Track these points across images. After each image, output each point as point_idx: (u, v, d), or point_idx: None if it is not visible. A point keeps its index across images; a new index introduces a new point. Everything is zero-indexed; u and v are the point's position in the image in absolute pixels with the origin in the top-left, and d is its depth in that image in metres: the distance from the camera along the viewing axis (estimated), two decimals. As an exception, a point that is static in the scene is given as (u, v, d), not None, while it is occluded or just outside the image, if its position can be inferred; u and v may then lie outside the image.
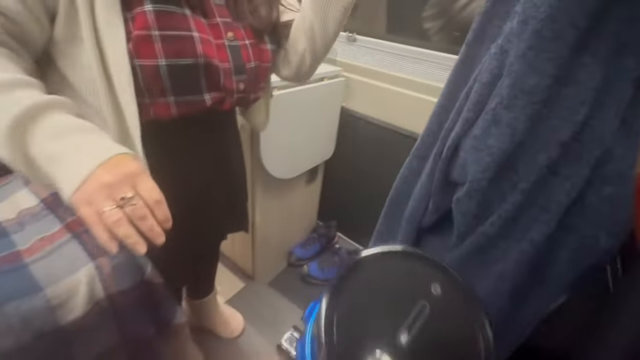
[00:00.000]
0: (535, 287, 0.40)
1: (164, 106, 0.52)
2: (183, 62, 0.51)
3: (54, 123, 0.42)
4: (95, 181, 0.41)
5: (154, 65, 0.48)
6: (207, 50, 0.53)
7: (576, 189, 0.34)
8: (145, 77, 0.49)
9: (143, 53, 0.48)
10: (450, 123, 0.45)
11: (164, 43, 0.49)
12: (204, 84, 0.55)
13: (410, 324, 0.17)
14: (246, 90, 0.61)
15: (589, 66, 0.33)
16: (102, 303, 0.70)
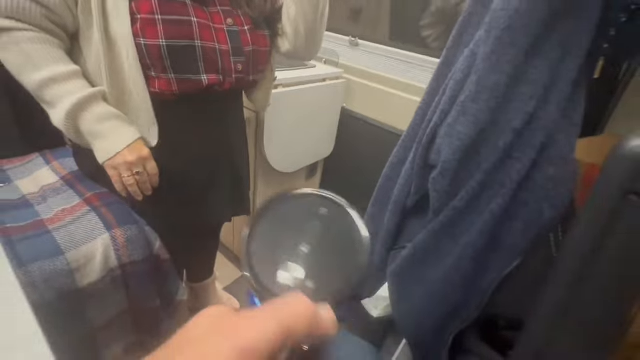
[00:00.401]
0: (494, 254, 0.47)
1: (166, 81, 0.63)
2: (181, 43, 0.60)
3: (96, 111, 0.61)
4: (122, 157, 0.64)
5: (156, 44, 0.59)
6: (204, 34, 0.62)
7: (525, 168, 0.41)
8: (150, 54, 0.59)
9: (148, 34, 0.58)
10: (430, 115, 0.53)
11: (165, 25, 0.58)
12: (202, 65, 0.64)
13: (307, 238, 0.24)
14: (244, 71, 0.70)
15: (539, 67, 0.41)
16: (115, 271, 0.77)
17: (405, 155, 0.61)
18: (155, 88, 0.63)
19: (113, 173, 0.66)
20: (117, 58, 0.60)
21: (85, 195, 0.82)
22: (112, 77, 0.61)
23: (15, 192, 0.84)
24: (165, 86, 0.63)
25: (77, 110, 0.59)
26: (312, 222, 0.25)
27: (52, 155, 0.97)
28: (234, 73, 0.68)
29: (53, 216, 0.77)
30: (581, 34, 0.39)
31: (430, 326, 0.58)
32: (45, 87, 0.58)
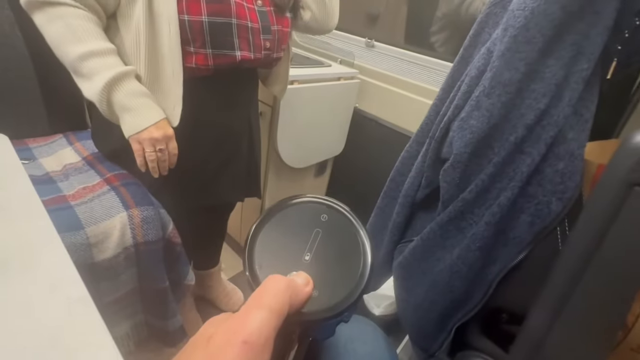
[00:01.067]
0: (500, 246, 0.48)
1: (203, 56, 0.67)
2: (220, 20, 0.66)
3: (129, 87, 0.65)
4: (148, 134, 0.68)
5: (199, 20, 0.64)
6: (240, 12, 0.68)
7: (535, 163, 0.43)
8: (192, 30, 0.64)
9: (192, 10, 0.63)
10: (444, 110, 0.54)
11: (208, 4, 0.64)
12: (237, 41, 0.69)
13: (310, 246, 0.24)
14: (271, 48, 0.76)
15: (553, 67, 0.42)
16: (130, 249, 0.80)
17: (418, 150, 0.63)
18: (191, 63, 0.68)
19: (137, 147, 0.69)
20: (158, 35, 0.64)
21: (105, 175, 0.86)
22: (150, 55, 0.65)
23: (40, 168, 0.88)
24: (202, 61, 0.68)
25: (113, 83, 0.63)
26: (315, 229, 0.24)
27: (75, 137, 1.01)
28: (262, 50, 0.74)
29: (74, 193, 0.81)
30: (595, 35, 0.41)
31: (434, 317, 0.59)
32: (85, 60, 0.61)
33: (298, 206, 0.26)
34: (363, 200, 1.55)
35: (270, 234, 0.24)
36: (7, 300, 0.26)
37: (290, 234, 0.24)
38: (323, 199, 0.26)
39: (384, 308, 1.24)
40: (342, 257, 0.24)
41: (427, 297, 0.59)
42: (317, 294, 0.22)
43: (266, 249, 0.24)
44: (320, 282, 0.23)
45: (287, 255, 0.23)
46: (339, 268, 0.24)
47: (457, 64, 0.56)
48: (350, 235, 0.24)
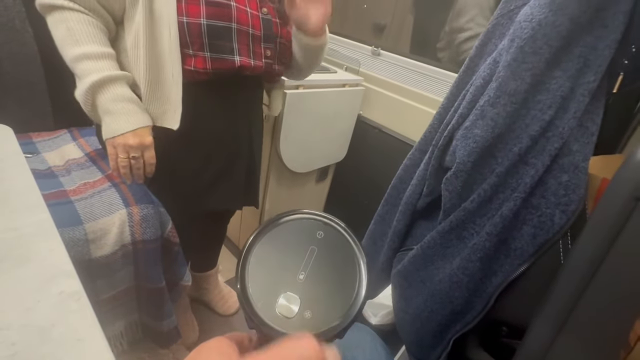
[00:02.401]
0: (502, 257, 0.47)
1: (202, 59, 0.67)
2: (220, 24, 0.65)
3: (115, 92, 0.65)
4: (123, 139, 0.66)
5: (197, 23, 0.63)
6: (241, 18, 0.67)
7: (539, 174, 0.42)
8: (190, 32, 0.64)
9: (191, 12, 0.63)
10: (448, 119, 0.54)
11: (207, 6, 0.64)
12: (236, 46, 0.68)
13: (305, 265, 0.23)
14: (272, 57, 0.75)
15: (559, 78, 0.42)
16: (127, 247, 0.80)
17: (420, 158, 0.63)
18: (190, 66, 0.67)
19: (111, 151, 0.69)
20: (158, 38, 0.64)
21: (107, 171, 0.86)
22: (150, 57, 0.65)
23: (43, 163, 0.88)
24: (201, 64, 0.67)
25: (98, 86, 0.63)
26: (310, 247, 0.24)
27: (79, 133, 1.01)
28: (263, 57, 0.73)
29: (75, 188, 0.81)
30: (602, 48, 0.41)
31: (432, 328, 0.58)
32: (78, 61, 0.62)
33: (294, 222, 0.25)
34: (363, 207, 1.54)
35: (265, 249, 0.24)
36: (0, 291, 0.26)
37: (285, 251, 0.24)
38: (320, 215, 0.26)
39: (381, 317, 1.23)
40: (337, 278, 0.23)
41: (426, 306, 0.58)
42: (310, 316, 0.22)
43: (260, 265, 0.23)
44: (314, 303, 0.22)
45: (282, 273, 0.23)
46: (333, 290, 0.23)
47: (462, 74, 0.56)
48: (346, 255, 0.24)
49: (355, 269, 0.24)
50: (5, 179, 0.38)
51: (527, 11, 0.43)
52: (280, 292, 0.22)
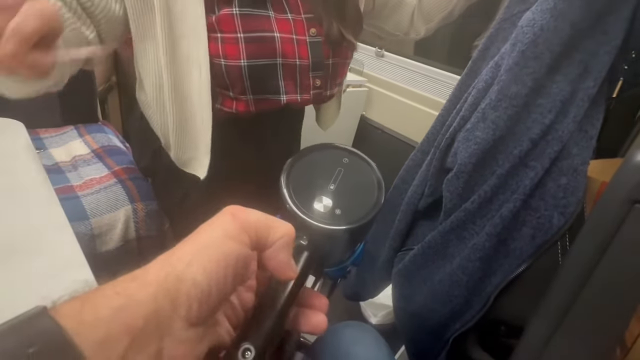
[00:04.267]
0: (501, 258, 0.48)
1: (244, 103, 0.57)
2: (263, 62, 0.54)
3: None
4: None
5: (237, 65, 0.52)
6: (287, 50, 0.56)
7: (538, 177, 0.43)
8: (230, 76, 0.53)
9: (229, 54, 0.52)
10: (450, 121, 0.55)
11: (247, 44, 0.52)
12: (282, 83, 0.58)
13: (334, 179, 0.29)
14: (322, 87, 0.63)
15: (560, 83, 0.43)
16: (132, 242, 0.81)
17: (422, 159, 0.63)
18: (231, 108, 0.58)
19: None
20: (185, 80, 0.54)
21: (113, 168, 0.87)
22: (176, 99, 0.55)
23: (49, 158, 0.90)
24: (243, 107, 0.58)
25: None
26: (337, 168, 0.30)
27: (85, 129, 1.03)
28: (311, 89, 0.62)
29: (82, 184, 0.82)
30: (603, 54, 0.42)
31: (432, 326, 0.59)
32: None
33: (325, 150, 0.32)
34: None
35: (301, 169, 0.30)
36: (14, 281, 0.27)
37: (318, 170, 0.30)
38: (345, 146, 0.32)
39: (381, 317, 1.24)
40: (361, 189, 0.30)
41: (425, 305, 0.59)
42: (340, 212, 0.27)
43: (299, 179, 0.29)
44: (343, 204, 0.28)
45: (316, 184, 0.29)
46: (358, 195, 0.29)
47: (465, 77, 0.57)
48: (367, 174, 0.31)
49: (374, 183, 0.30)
50: (18, 172, 0.39)
51: (529, 16, 0.44)
52: (315, 195, 0.28)
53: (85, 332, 0.15)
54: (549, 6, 0.42)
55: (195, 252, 0.18)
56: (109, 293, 0.17)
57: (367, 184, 0.30)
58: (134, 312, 0.16)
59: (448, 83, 1.22)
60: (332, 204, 0.28)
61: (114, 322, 0.16)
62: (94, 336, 0.15)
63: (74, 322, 0.15)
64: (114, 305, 0.16)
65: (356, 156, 0.32)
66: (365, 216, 0.28)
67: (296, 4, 0.58)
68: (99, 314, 0.16)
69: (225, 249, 0.19)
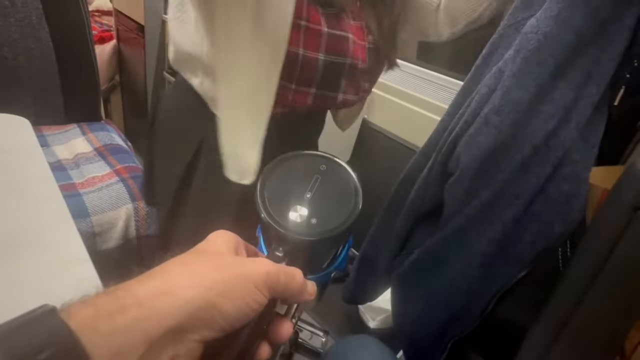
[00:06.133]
0: (501, 263, 0.48)
1: (304, 95, 0.57)
2: (337, 60, 0.55)
3: None
4: None
5: (315, 57, 0.53)
6: (357, 52, 0.57)
7: (540, 182, 0.43)
8: (304, 65, 0.53)
9: (310, 45, 0.52)
10: (452, 126, 0.55)
11: (329, 39, 0.53)
12: (343, 82, 0.59)
13: (311, 187, 0.28)
14: (367, 90, 0.66)
15: (563, 89, 0.43)
16: (132, 241, 0.81)
17: (424, 163, 0.64)
18: (287, 101, 0.57)
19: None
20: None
21: (115, 166, 0.88)
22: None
23: (52, 156, 0.90)
24: (301, 100, 0.58)
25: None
26: (314, 175, 0.30)
27: (88, 128, 1.03)
28: (360, 91, 0.64)
29: (84, 181, 0.82)
30: (605, 62, 0.42)
31: (430, 331, 0.58)
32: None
33: (301, 157, 0.31)
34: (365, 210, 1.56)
35: (278, 177, 0.30)
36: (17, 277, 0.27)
37: (294, 178, 0.30)
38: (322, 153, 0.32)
39: (379, 321, 1.23)
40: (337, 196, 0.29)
41: (424, 310, 0.59)
42: (316, 222, 0.27)
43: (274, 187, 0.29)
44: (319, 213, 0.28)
45: (292, 193, 0.28)
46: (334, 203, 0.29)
47: (468, 82, 0.57)
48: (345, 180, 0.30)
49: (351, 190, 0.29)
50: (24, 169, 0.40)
51: (533, 23, 0.45)
52: (291, 205, 0.28)
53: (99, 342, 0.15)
54: (553, 14, 0.42)
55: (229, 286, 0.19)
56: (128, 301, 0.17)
57: (344, 190, 0.29)
58: (156, 323, 0.17)
59: (450, 88, 1.22)
60: (307, 213, 0.27)
61: (133, 332, 0.16)
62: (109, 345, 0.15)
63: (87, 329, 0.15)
64: (134, 315, 0.16)
65: (334, 163, 0.31)
66: (342, 224, 0.27)
67: (357, 13, 0.60)
68: (116, 323, 0.16)
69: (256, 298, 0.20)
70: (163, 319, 0.17)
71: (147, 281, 0.18)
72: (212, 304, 0.18)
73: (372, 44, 0.61)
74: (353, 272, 0.80)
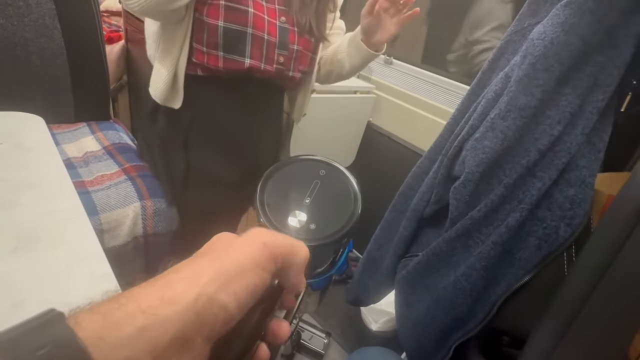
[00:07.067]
0: (506, 267, 0.48)
1: (214, 57, 0.71)
2: (235, 27, 0.69)
3: None
4: None
5: (215, 24, 0.68)
6: (257, 24, 0.71)
7: (545, 187, 0.44)
8: (208, 32, 0.69)
9: (211, 14, 0.68)
10: (458, 130, 0.56)
11: (226, 11, 0.68)
12: (248, 49, 0.72)
13: (310, 193, 0.29)
14: (285, 64, 0.78)
15: (569, 95, 0.44)
16: (139, 239, 0.82)
17: (429, 166, 0.64)
18: (203, 61, 0.72)
19: None
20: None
21: (124, 165, 0.89)
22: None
23: (62, 154, 0.92)
24: (213, 62, 0.72)
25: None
26: (314, 180, 0.29)
27: (97, 126, 1.05)
28: (275, 63, 0.76)
29: (93, 179, 0.83)
30: (612, 68, 0.42)
31: (434, 334, 0.59)
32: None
33: (301, 163, 0.32)
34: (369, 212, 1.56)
35: (278, 182, 0.29)
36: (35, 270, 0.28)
37: (294, 183, 0.30)
38: (322, 158, 0.32)
39: (382, 324, 1.23)
40: (337, 202, 0.29)
41: (428, 313, 0.59)
42: (315, 227, 0.27)
43: (274, 192, 0.29)
44: (318, 218, 0.27)
45: (291, 198, 0.28)
46: (333, 208, 0.29)
47: (474, 87, 0.57)
48: (344, 186, 0.30)
49: (350, 195, 0.30)
50: (39, 166, 0.41)
51: (540, 29, 0.45)
52: (290, 210, 0.28)
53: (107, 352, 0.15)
54: (560, 20, 0.43)
55: (226, 276, 0.19)
56: (131, 310, 0.16)
57: (343, 196, 0.30)
58: (160, 331, 0.16)
59: (456, 92, 1.22)
60: (306, 219, 0.27)
61: (139, 342, 0.16)
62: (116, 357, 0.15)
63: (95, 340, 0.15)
64: (139, 324, 0.16)
65: (333, 168, 0.31)
66: (341, 230, 0.28)
67: None
68: (123, 333, 0.16)
69: (256, 279, 0.19)
70: (166, 327, 0.17)
71: (149, 288, 0.18)
72: (212, 302, 0.18)
73: (285, 23, 0.75)
74: (357, 274, 0.80)
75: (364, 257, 0.78)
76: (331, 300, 1.33)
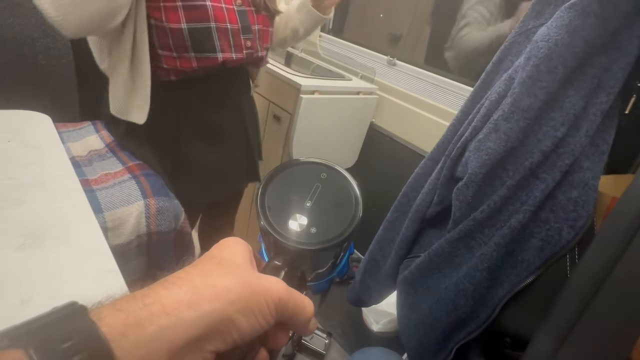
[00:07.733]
0: (508, 268, 0.48)
1: (187, 60, 0.71)
2: (199, 26, 0.68)
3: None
4: None
5: (179, 28, 0.66)
6: (218, 16, 0.70)
7: (549, 189, 0.44)
8: (173, 37, 0.67)
9: (171, 19, 0.66)
10: (462, 131, 0.56)
11: (185, 11, 0.66)
12: (218, 43, 0.72)
13: (311, 196, 0.28)
14: (253, 47, 0.79)
15: (572, 97, 0.44)
16: (142, 237, 0.83)
17: (432, 167, 0.64)
18: (175, 66, 0.71)
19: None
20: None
21: (127, 163, 0.89)
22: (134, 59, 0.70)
23: (67, 152, 0.92)
24: (186, 64, 0.71)
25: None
26: (315, 183, 0.30)
27: (102, 125, 1.05)
28: (244, 49, 0.77)
29: (97, 178, 0.84)
30: (616, 70, 0.42)
31: (436, 335, 0.59)
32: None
33: (302, 165, 0.31)
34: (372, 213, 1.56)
35: (278, 185, 0.29)
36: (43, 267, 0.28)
37: (295, 186, 0.30)
38: (323, 161, 0.32)
39: (383, 325, 1.23)
40: (338, 205, 0.29)
41: (430, 314, 0.59)
42: (315, 231, 0.27)
43: (275, 195, 0.29)
44: (318, 222, 0.27)
45: (292, 201, 0.28)
46: (334, 212, 0.29)
47: (478, 88, 0.57)
48: (345, 189, 0.30)
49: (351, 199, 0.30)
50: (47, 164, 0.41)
51: (544, 31, 0.45)
52: (291, 213, 0.28)
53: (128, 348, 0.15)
54: (564, 22, 0.43)
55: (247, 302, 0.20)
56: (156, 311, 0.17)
57: (344, 199, 0.29)
58: (180, 333, 0.17)
59: (459, 94, 1.22)
60: (307, 222, 0.27)
61: (159, 340, 0.16)
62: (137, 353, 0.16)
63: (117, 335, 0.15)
64: (161, 324, 0.17)
65: (334, 171, 0.31)
66: (341, 234, 0.27)
67: None
68: (146, 331, 0.16)
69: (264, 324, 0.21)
70: (186, 329, 0.17)
71: (173, 289, 0.19)
72: (231, 319, 0.19)
73: (241, 6, 0.75)
74: (358, 275, 0.80)
75: (365, 258, 0.79)
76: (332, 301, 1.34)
